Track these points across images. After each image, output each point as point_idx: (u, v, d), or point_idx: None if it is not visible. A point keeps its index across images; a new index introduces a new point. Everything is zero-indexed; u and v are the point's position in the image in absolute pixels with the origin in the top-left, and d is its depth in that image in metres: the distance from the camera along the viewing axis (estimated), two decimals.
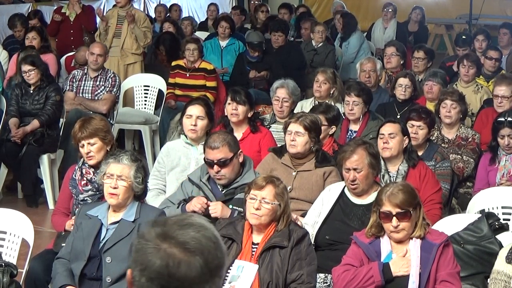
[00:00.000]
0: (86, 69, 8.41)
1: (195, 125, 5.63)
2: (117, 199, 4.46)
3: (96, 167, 5.01)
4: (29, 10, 12.26)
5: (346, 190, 4.97)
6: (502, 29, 10.29)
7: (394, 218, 4.18)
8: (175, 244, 2.01)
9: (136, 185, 4.48)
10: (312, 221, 4.94)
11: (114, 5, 9.92)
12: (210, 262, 2.01)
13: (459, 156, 6.58)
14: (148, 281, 2.01)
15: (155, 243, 2.02)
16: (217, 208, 4.82)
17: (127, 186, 4.46)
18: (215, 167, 4.92)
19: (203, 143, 5.59)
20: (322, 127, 5.91)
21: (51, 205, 7.45)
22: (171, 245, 2.01)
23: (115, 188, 4.45)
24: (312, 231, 4.84)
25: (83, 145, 5.10)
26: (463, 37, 9.96)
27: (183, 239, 2.02)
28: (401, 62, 8.89)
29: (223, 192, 5.00)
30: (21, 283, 4.76)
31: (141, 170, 4.51)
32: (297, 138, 5.47)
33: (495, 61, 8.70)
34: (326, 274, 4.66)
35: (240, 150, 5.05)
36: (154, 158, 8.02)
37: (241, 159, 5.04)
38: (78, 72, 8.47)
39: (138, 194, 4.55)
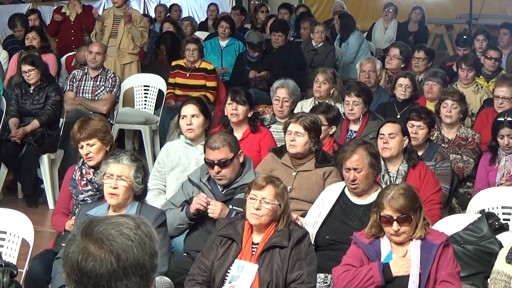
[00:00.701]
0: (86, 69, 8.41)
1: (190, 124, 5.63)
2: (117, 199, 4.47)
3: (96, 167, 5.01)
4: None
5: (346, 190, 4.96)
6: (502, 29, 10.30)
7: (395, 222, 4.17)
8: (92, 240, 2.05)
9: (136, 185, 4.48)
10: (312, 221, 4.94)
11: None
12: (123, 260, 2.02)
13: (459, 156, 6.58)
14: (66, 276, 2.06)
15: (78, 239, 2.07)
16: (215, 209, 4.81)
17: (127, 186, 4.46)
18: (216, 167, 4.92)
19: (203, 143, 5.60)
20: (322, 127, 5.91)
21: (51, 205, 7.45)
22: (88, 241, 2.05)
23: (115, 188, 4.46)
24: (312, 231, 4.84)
25: (82, 146, 5.10)
26: (464, 37, 9.96)
27: (99, 236, 2.05)
28: (402, 66, 8.90)
29: (223, 192, 4.99)
30: (21, 283, 4.76)
31: (141, 170, 4.52)
32: (297, 138, 5.47)
33: (495, 61, 8.70)
34: (326, 274, 4.66)
35: (240, 151, 5.05)
36: (154, 158, 8.02)
37: (241, 160, 5.04)
38: (78, 72, 8.47)
39: (138, 194, 4.55)
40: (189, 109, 5.70)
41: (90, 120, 5.22)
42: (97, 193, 5.02)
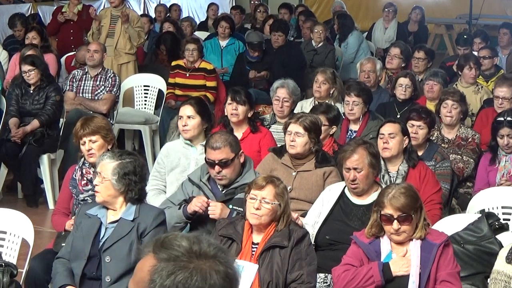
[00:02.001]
0: (86, 69, 8.41)
1: (185, 125, 5.64)
2: (99, 197, 4.46)
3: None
4: (29, 11, 12.27)
5: (346, 190, 4.96)
6: (502, 29, 10.30)
7: (395, 221, 4.17)
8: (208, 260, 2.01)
9: (114, 182, 4.40)
10: (312, 221, 4.94)
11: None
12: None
13: (459, 156, 6.58)
14: None
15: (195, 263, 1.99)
16: (216, 209, 4.81)
17: (105, 183, 4.43)
18: (216, 167, 4.92)
19: (203, 143, 5.60)
20: (323, 127, 5.92)
21: (51, 205, 7.45)
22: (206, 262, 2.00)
23: (96, 185, 4.47)
24: (312, 231, 4.84)
25: (85, 142, 5.11)
26: (464, 36, 9.97)
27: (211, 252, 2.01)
28: (402, 65, 8.91)
29: (223, 192, 5.00)
30: (21, 283, 4.76)
31: (126, 168, 4.41)
32: (296, 139, 5.47)
33: (488, 59, 8.71)
34: (326, 274, 4.66)
35: (241, 151, 5.05)
36: (154, 158, 8.02)
37: (242, 160, 5.04)
38: (78, 72, 8.48)
39: (133, 197, 4.45)
40: (185, 110, 5.70)
41: (93, 118, 5.28)
42: None
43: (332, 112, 6.38)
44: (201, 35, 11.50)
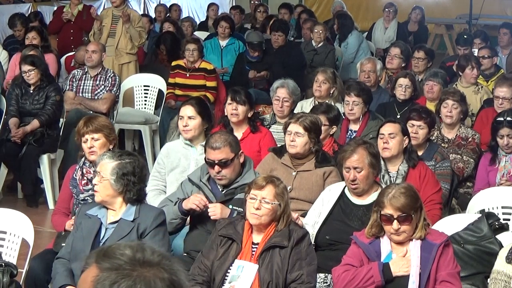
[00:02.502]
0: (86, 69, 8.42)
1: (186, 126, 5.64)
2: (98, 196, 4.47)
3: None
4: (29, 10, 12.27)
5: (346, 190, 4.96)
6: (502, 29, 10.30)
7: (395, 221, 4.17)
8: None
9: (112, 182, 4.40)
10: (312, 221, 4.94)
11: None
12: None
13: (459, 156, 6.58)
14: None
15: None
16: (216, 210, 4.81)
17: (104, 183, 4.43)
18: (216, 167, 4.92)
19: (203, 143, 5.60)
20: (323, 127, 5.92)
21: (51, 205, 7.45)
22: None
23: (96, 185, 4.47)
24: (312, 231, 4.84)
25: (87, 139, 5.11)
26: (465, 36, 9.97)
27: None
28: (403, 65, 8.92)
29: (223, 192, 4.99)
30: (21, 283, 4.76)
31: (125, 168, 4.40)
32: (296, 139, 5.47)
33: (487, 59, 8.71)
34: (326, 274, 4.66)
35: (241, 151, 5.05)
36: (154, 158, 8.02)
37: (241, 160, 5.04)
38: (78, 71, 8.48)
39: (132, 197, 4.46)
40: (186, 110, 5.70)
41: (97, 117, 5.32)
42: None
43: (332, 112, 6.38)
44: (201, 35, 11.50)
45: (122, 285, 1.91)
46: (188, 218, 5.02)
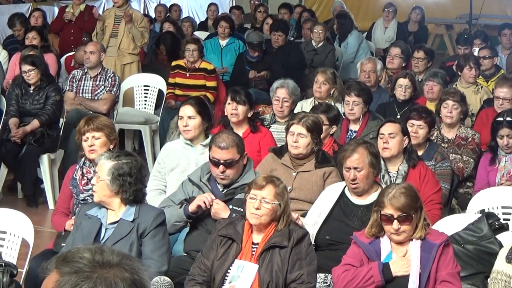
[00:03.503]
0: (86, 69, 8.41)
1: (186, 126, 5.64)
2: (96, 196, 4.47)
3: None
4: (29, 10, 12.26)
5: (346, 191, 4.96)
6: (504, 30, 10.27)
7: (395, 221, 4.17)
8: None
9: (108, 182, 4.40)
10: (312, 221, 4.94)
11: (113, 6, 9.92)
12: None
13: (459, 156, 6.58)
14: None
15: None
16: (218, 209, 4.81)
17: (101, 183, 4.43)
18: (221, 167, 4.91)
19: (203, 143, 5.60)
20: (324, 127, 5.92)
21: (51, 205, 7.45)
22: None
23: (94, 185, 4.48)
24: (312, 231, 4.84)
25: (87, 138, 5.11)
26: (465, 36, 9.97)
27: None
28: (403, 65, 8.92)
29: (223, 192, 4.99)
30: (21, 283, 4.76)
31: (121, 169, 4.39)
32: (299, 140, 5.47)
33: (488, 59, 8.71)
34: (326, 274, 4.66)
35: (245, 153, 5.06)
36: (154, 158, 8.02)
37: (245, 162, 5.04)
38: (78, 72, 8.48)
39: (128, 198, 4.44)
40: (186, 110, 5.70)
41: (98, 116, 5.35)
42: None
43: (332, 111, 6.39)
44: (201, 35, 11.50)
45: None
46: None
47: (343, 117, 6.96)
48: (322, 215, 4.92)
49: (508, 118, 6.19)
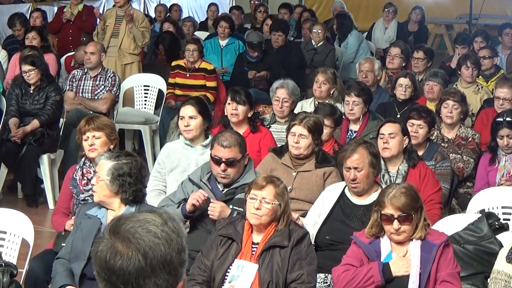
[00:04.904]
0: (86, 69, 8.41)
1: (188, 126, 5.63)
2: (96, 197, 4.48)
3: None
4: (29, 10, 12.27)
5: (346, 191, 4.96)
6: (506, 29, 10.25)
7: (396, 221, 4.18)
8: (119, 238, 2.07)
9: (108, 183, 4.40)
10: (312, 221, 4.94)
11: (114, 5, 9.92)
12: (150, 257, 2.04)
13: (459, 155, 6.57)
14: (97, 274, 2.08)
15: (106, 238, 2.09)
16: (215, 210, 4.80)
17: (100, 183, 4.43)
18: (222, 165, 4.92)
19: (203, 143, 5.61)
20: (329, 129, 5.98)
21: (51, 205, 7.45)
22: (116, 239, 2.07)
23: (93, 185, 4.49)
24: (313, 232, 4.84)
25: (88, 137, 5.12)
26: (464, 35, 9.96)
27: (126, 234, 2.07)
28: (403, 65, 8.92)
29: (223, 192, 4.99)
30: (21, 283, 4.75)
31: (121, 169, 4.40)
32: (301, 141, 5.47)
33: (488, 59, 8.70)
34: (326, 274, 4.66)
35: (247, 153, 5.06)
36: (154, 158, 8.02)
37: (246, 162, 5.05)
38: (78, 72, 8.48)
39: (127, 198, 4.45)
40: (187, 110, 5.70)
41: (99, 116, 5.37)
42: None
43: (336, 113, 6.42)
44: (201, 35, 11.50)
45: None
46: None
47: (343, 117, 6.96)
48: (322, 215, 4.92)
49: (508, 118, 6.19)
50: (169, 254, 2.07)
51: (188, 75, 8.95)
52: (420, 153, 5.94)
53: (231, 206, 4.88)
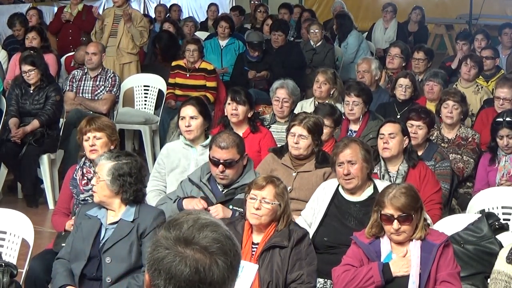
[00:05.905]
0: (86, 69, 8.41)
1: (189, 126, 5.63)
2: (96, 197, 4.48)
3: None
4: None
5: (340, 188, 4.96)
6: (505, 29, 10.26)
7: (396, 221, 4.18)
8: (199, 249, 1.99)
9: (108, 183, 4.41)
10: (308, 221, 4.94)
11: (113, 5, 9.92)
12: (232, 260, 2.02)
13: (459, 156, 6.57)
14: (164, 283, 1.98)
15: (177, 251, 1.98)
16: (218, 211, 4.81)
17: (101, 183, 4.43)
18: (221, 166, 4.92)
19: (203, 144, 5.60)
20: (329, 129, 5.96)
21: (51, 205, 7.45)
22: (195, 250, 1.98)
23: (94, 185, 4.48)
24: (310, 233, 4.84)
25: (88, 138, 5.12)
26: (465, 33, 9.97)
27: (205, 243, 2.00)
28: (403, 65, 8.92)
29: (223, 192, 4.99)
30: (21, 283, 4.75)
31: (121, 169, 4.41)
32: (300, 141, 5.47)
33: (490, 59, 8.70)
34: (326, 280, 4.66)
35: (246, 153, 5.06)
36: (154, 158, 8.02)
37: (245, 162, 5.05)
38: (78, 72, 8.48)
39: (127, 198, 4.45)
40: (188, 110, 5.69)
41: (100, 117, 5.36)
42: None
43: (336, 113, 6.42)
44: (201, 35, 11.50)
45: None
46: None
47: (343, 117, 6.96)
48: (317, 215, 4.91)
49: (508, 119, 6.19)
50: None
51: (188, 75, 8.95)
52: (419, 153, 5.94)
53: (231, 207, 4.88)
